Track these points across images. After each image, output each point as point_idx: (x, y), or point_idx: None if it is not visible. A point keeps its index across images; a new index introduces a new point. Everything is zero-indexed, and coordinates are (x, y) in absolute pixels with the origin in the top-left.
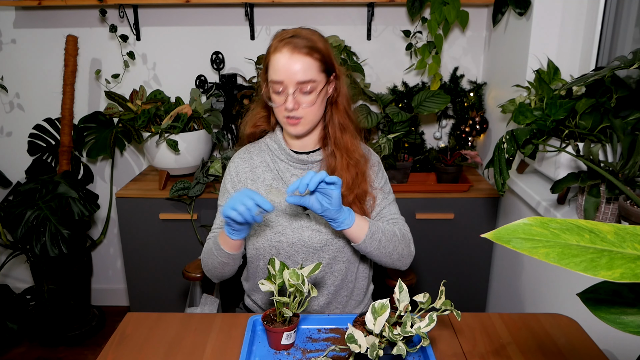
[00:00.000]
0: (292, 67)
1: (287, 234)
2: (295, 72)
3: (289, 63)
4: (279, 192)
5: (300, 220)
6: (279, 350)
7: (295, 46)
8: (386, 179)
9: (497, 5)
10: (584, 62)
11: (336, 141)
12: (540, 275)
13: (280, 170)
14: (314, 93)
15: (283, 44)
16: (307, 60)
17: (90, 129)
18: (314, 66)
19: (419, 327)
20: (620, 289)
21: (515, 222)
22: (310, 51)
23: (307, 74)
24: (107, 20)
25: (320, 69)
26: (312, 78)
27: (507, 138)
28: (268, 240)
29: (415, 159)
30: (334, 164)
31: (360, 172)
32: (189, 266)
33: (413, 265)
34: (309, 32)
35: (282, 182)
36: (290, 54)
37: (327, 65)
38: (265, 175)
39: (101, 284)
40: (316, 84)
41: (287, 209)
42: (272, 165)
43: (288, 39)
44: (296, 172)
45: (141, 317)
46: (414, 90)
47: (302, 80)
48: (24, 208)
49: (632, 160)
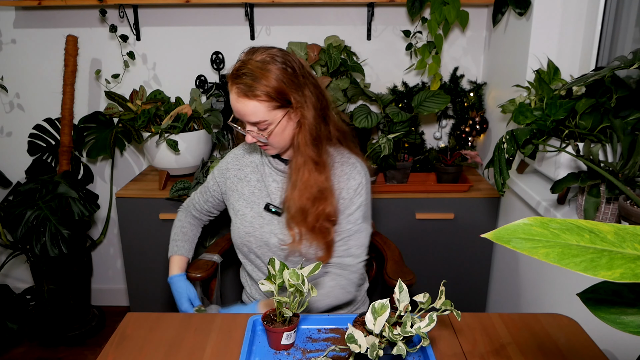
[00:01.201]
0: (240, 111)
1: (256, 236)
2: (243, 115)
3: (237, 106)
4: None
5: (271, 225)
6: (279, 350)
7: (239, 90)
8: (361, 204)
9: (497, 5)
10: (584, 62)
11: (297, 169)
12: (540, 275)
13: (264, 174)
14: (268, 129)
15: (231, 83)
16: (253, 104)
17: (90, 129)
18: (261, 108)
19: (419, 327)
20: (620, 289)
21: (515, 222)
22: (254, 95)
23: (256, 116)
24: (107, 20)
25: (271, 108)
26: (261, 119)
27: (507, 138)
28: (240, 237)
29: (415, 159)
30: (295, 177)
31: (321, 197)
32: (189, 266)
33: (413, 266)
34: (258, 66)
35: (264, 186)
36: (237, 97)
37: (279, 101)
38: (251, 177)
39: (101, 284)
40: (268, 122)
41: (262, 213)
42: (260, 167)
43: (233, 80)
44: (276, 179)
45: (141, 317)
46: (414, 90)
47: (253, 121)
48: (24, 208)
49: (632, 160)
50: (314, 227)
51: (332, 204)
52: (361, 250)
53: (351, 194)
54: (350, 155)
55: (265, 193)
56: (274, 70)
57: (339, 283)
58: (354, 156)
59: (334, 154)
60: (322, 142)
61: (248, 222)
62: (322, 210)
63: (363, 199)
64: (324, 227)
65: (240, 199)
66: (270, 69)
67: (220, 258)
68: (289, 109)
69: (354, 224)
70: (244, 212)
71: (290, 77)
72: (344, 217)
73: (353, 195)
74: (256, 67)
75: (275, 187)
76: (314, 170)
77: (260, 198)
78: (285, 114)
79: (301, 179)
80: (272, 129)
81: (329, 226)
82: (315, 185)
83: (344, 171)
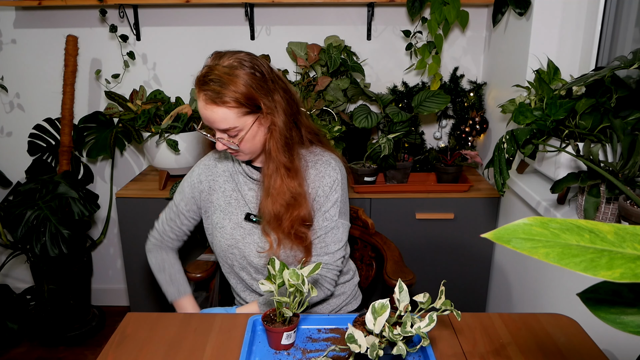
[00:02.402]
0: (209, 119)
1: (240, 247)
2: (212, 123)
3: (206, 113)
4: None
5: (253, 236)
6: (279, 350)
7: (207, 97)
8: (336, 201)
9: (497, 5)
10: (584, 62)
11: (269, 176)
12: (540, 275)
13: (239, 183)
14: (239, 136)
15: (198, 89)
16: (222, 111)
17: (90, 129)
18: (230, 115)
19: (419, 327)
20: (620, 289)
21: (515, 222)
22: (221, 101)
23: (225, 123)
24: (107, 20)
25: (241, 114)
26: (231, 126)
27: (507, 138)
28: (223, 250)
29: (415, 159)
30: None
31: (295, 203)
32: (188, 266)
33: (413, 266)
34: (226, 72)
35: (240, 195)
36: (205, 105)
37: (248, 107)
38: (226, 186)
39: (101, 284)
40: (238, 128)
41: (242, 223)
42: (234, 176)
43: (200, 86)
44: (253, 187)
45: (141, 317)
46: (414, 90)
47: (222, 128)
48: (24, 208)
49: (632, 160)
50: (289, 232)
51: (306, 208)
52: (338, 246)
53: (327, 191)
54: (324, 153)
55: (242, 202)
56: (242, 76)
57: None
58: (327, 152)
59: (306, 156)
60: (294, 147)
61: (229, 234)
62: (297, 215)
63: (339, 195)
64: (300, 231)
65: (217, 211)
66: (238, 74)
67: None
68: (259, 115)
69: (330, 221)
70: (222, 224)
71: (259, 82)
72: (320, 214)
73: (329, 192)
74: (223, 73)
75: (252, 196)
76: (287, 177)
77: (237, 208)
78: (256, 120)
79: (274, 185)
80: (242, 136)
81: (305, 230)
82: (288, 191)
83: (317, 170)
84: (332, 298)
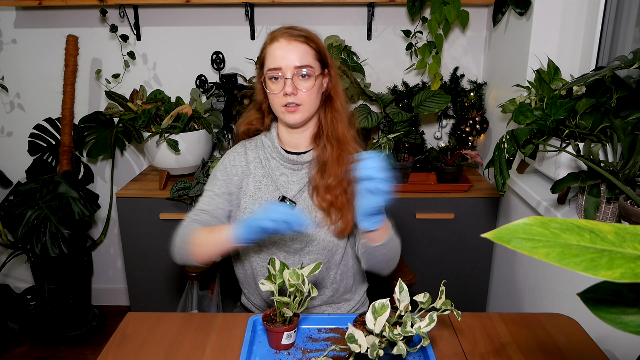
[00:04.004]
0: (290, 54)
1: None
2: (292, 58)
3: (287, 49)
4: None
5: None
6: (279, 350)
7: (291, 35)
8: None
9: (497, 5)
10: (584, 62)
11: (328, 133)
12: (540, 275)
13: (270, 168)
14: (311, 78)
15: (280, 34)
16: (304, 47)
17: (90, 129)
18: (310, 53)
19: (419, 327)
20: (621, 288)
21: (515, 222)
22: (306, 40)
23: (304, 59)
24: (107, 20)
25: (316, 58)
26: (308, 63)
27: (508, 138)
28: None
29: (416, 159)
30: (325, 156)
31: (345, 180)
32: (189, 266)
33: (413, 265)
34: (304, 28)
35: (271, 180)
36: (287, 42)
37: (321, 57)
38: (257, 172)
39: (101, 284)
40: (313, 69)
41: None
42: (264, 162)
43: (284, 30)
44: (285, 172)
45: (141, 317)
46: (414, 90)
47: (299, 64)
48: (25, 208)
49: (632, 160)
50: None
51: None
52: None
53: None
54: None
55: (272, 187)
56: (319, 39)
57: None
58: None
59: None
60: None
61: None
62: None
63: None
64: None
65: (246, 196)
66: (317, 36)
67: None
68: (324, 71)
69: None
70: (252, 209)
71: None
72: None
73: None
74: (305, 29)
75: (284, 181)
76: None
77: (266, 193)
78: (322, 74)
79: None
80: (313, 78)
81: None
82: (349, 143)
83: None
84: (343, 303)
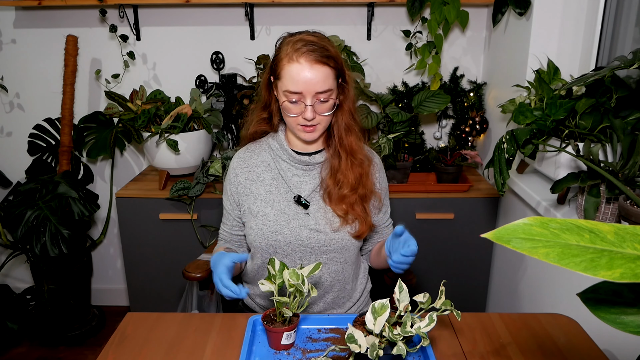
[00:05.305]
0: (312, 79)
1: (285, 233)
2: (314, 84)
3: (309, 75)
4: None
5: (298, 220)
6: (279, 350)
7: (313, 57)
8: (386, 181)
9: (497, 5)
10: (584, 62)
11: (341, 142)
12: (540, 275)
13: (281, 170)
14: (330, 101)
15: (300, 54)
16: (325, 70)
17: (90, 129)
18: (330, 75)
19: (419, 327)
20: (620, 289)
21: (515, 222)
22: (327, 60)
23: (325, 84)
24: (107, 20)
25: (335, 77)
26: (329, 87)
27: (507, 138)
28: (265, 238)
29: (415, 159)
30: (338, 164)
31: (365, 172)
32: (189, 266)
33: (413, 265)
34: (321, 39)
35: (283, 182)
36: (310, 66)
37: (339, 72)
38: (265, 175)
39: (101, 284)
40: (332, 92)
41: (285, 209)
42: (273, 164)
43: (305, 49)
44: (297, 173)
45: (141, 317)
46: (414, 90)
47: (320, 90)
48: (24, 208)
49: (632, 160)
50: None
51: (370, 180)
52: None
53: (378, 166)
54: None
55: (284, 189)
56: (334, 46)
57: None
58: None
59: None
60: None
61: (272, 221)
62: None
63: (385, 177)
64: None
65: (257, 201)
66: (332, 44)
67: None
68: (340, 82)
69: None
70: (264, 212)
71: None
72: (383, 189)
73: (379, 169)
74: (321, 41)
75: (297, 181)
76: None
77: (278, 195)
78: (339, 88)
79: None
80: (333, 101)
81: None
82: (360, 151)
83: (367, 150)
84: (347, 301)
